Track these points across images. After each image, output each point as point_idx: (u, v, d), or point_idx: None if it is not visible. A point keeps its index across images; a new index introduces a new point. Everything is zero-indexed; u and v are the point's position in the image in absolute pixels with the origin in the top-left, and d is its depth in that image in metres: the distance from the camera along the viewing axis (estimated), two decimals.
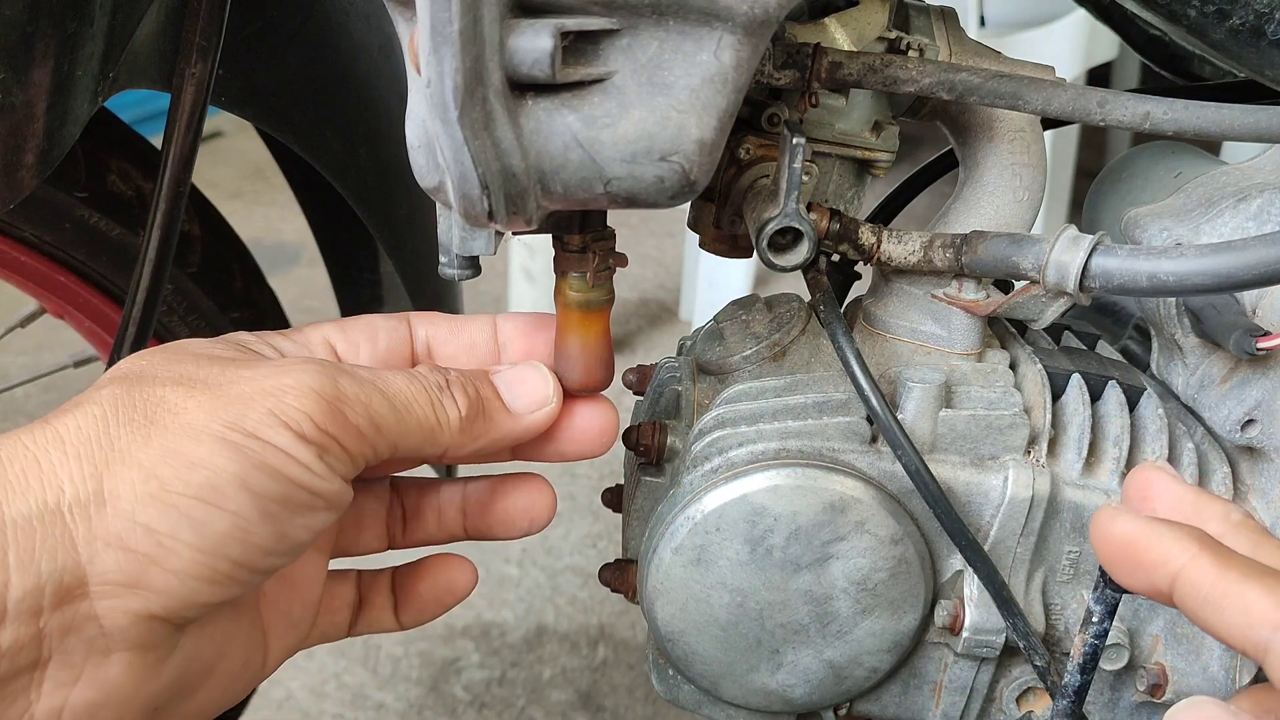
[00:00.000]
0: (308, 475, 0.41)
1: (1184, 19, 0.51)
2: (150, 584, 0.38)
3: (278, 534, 0.41)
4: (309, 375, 0.41)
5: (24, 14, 0.51)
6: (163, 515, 0.38)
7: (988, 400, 0.55)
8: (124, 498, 0.38)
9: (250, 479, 0.39)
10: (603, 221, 0.49)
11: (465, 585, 0.54)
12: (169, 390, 0.40)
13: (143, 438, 0.39)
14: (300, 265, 2.31)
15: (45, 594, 0.37)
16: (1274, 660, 0.33)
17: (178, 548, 0.38)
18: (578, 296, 0.50)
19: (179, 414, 0.39)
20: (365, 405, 0.43)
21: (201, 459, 0.39)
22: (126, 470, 0.38)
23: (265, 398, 0.40)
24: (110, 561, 0.38)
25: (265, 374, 0.41)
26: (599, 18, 0.39)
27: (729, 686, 0.59)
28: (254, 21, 0.69)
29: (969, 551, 0.54)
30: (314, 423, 0.41)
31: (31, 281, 0.74)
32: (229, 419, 0.39)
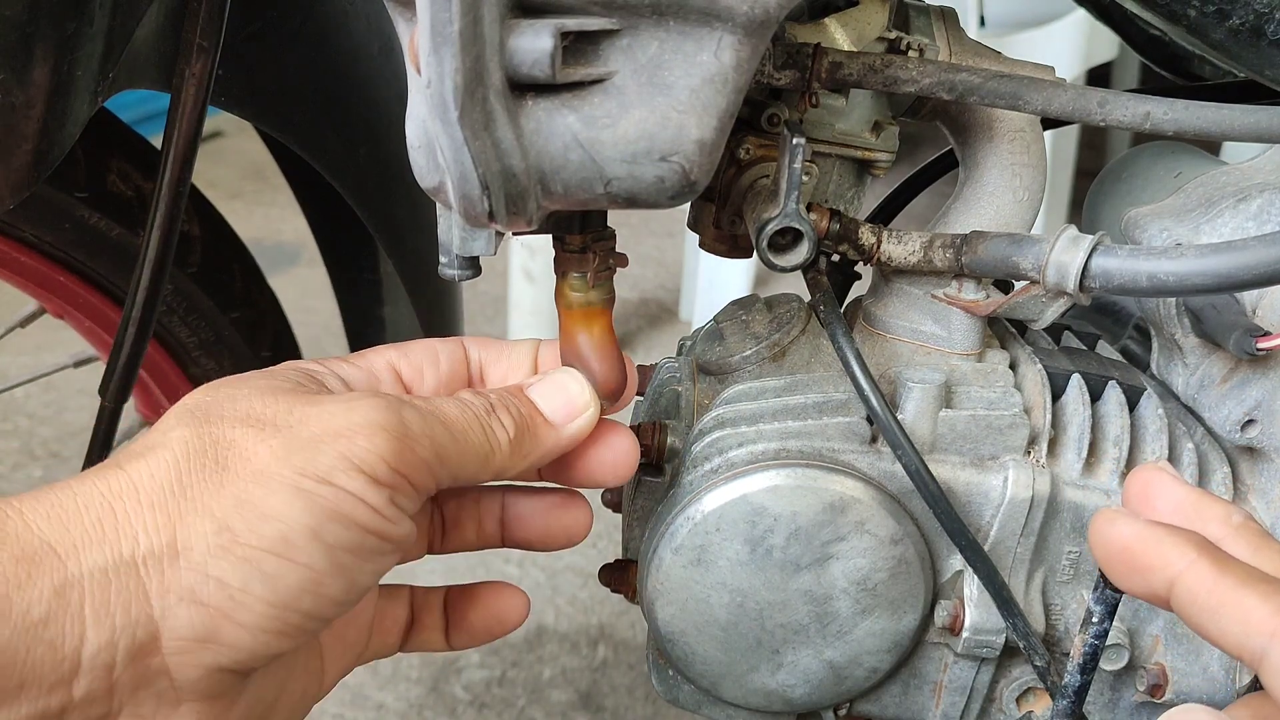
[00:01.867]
0: (379, 521, 0.40)
1: (1184, 19, 0.51)
2: (221, 638, 0.38)
3: (348, 583, 0.41)
4: (376, 412, 0.41)
5: (24, 14, 0.51)
6: (235, 569, 0.38)
7: (988, 400, 0.55)
8: (196, 550, 0.38)
9: (323, 530, 0.39)
10: (603, 222, 0.49)
11: (518, 616, 0.54)
12: (239, 432, 0.40)
13: (215, 485, 0.38)
14: (300, 265, 2.31)
15: (119, 648, 0.37)
16: (1269, 668, 0.33)
17: (249, 602, 0.38)
18: (578, 297, 0.50)
19: (250, 460, 0.39)
20: (430, 438, 0.42)
21: (274, 510, 0.38)
22: (199, 521, 0.38)
23: (336, 439, 0.40)
24: (183, 616, 0.37)
25: (333, 412, 0.41)
26: (599, 18, 0.39)
27: (729, 686, 0.59)
28: (254, 21, 0.69)
29: (969, 551, 0.54)
30: (386, 463, 0.40)
31: (31, 281, 0.74)
32: (301, 464, 0.39)
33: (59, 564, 0.36)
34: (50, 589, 0.35)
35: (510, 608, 0.53)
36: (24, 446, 1.73)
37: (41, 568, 0.36)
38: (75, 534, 0.37)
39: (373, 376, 0.48)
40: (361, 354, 0.49)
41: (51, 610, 0.35)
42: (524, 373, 0.51)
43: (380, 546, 0.41)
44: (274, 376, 0.44)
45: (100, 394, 0.68)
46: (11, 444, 1.74)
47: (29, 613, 0.35)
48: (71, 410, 1.80)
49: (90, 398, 0.68)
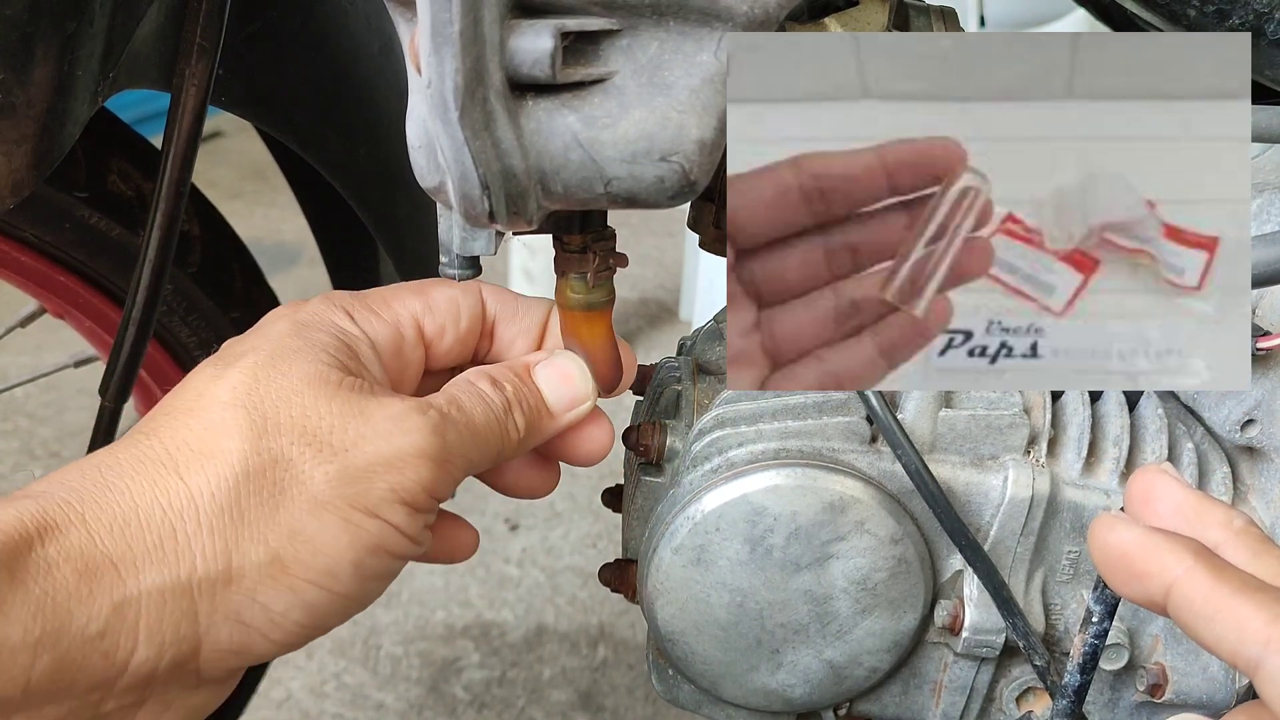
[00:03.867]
0: (411, 547, 0.43)
1: (1184, 19, 0.51)
2: (253, 650, 0.41)
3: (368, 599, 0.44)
4: (423, 437, 0.42)
5: (24, 14, 0.51)
6: (279, 597, 0.40)
7: (987, 400, 0.55)
8: (248, 577, 0.40)
9: (363, 564, 0.42)
10: (603, 222, 0.49)
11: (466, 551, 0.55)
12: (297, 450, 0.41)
13: (270, 510, 0.40)
14: (300, 265, 2.31)
15: (163, 660, 0.39)
16: (1264, 676, 0.33)
17: (286, 624, 0.41)
18: (578, 297, 0.50)
19: (306, 485, 0.41)
20: (464, 456, 0.44)
21: (324, 545, 0.41)
22: (254, 548, 0.40)
23: (388, 471, 0.42)
24: (224, 634, 0.40)
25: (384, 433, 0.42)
26: (599, 18, 0.39)
27: (729, 686, 0.59)
28: (254, 21, 0.69)
29: (969, 551, 0.54)
30: (427, 492, 0.43)
31: (31, 281, 0.74)
32: (352, 496, 0.41)
33: (119, 581, 0.38)
34: (110, 605, 0.37)
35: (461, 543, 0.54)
36: (24, 446, 1.73)
37: (102, 583, 0.37)
38: (138, 553, 0.38)
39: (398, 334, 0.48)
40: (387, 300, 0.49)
41: (109, 625, 0.37)
42: (532, 339, 0.52)
43: (400, 567, 0.44)
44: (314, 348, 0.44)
45: (100, 394, 0.68)
46: (11, 444, 1.74)
47: (88, 627, 0.37)
48: (71, 410, 1.80)
49: (90, 398, 0.68)
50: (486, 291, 0.51)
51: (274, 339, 0.45)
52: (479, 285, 0.51)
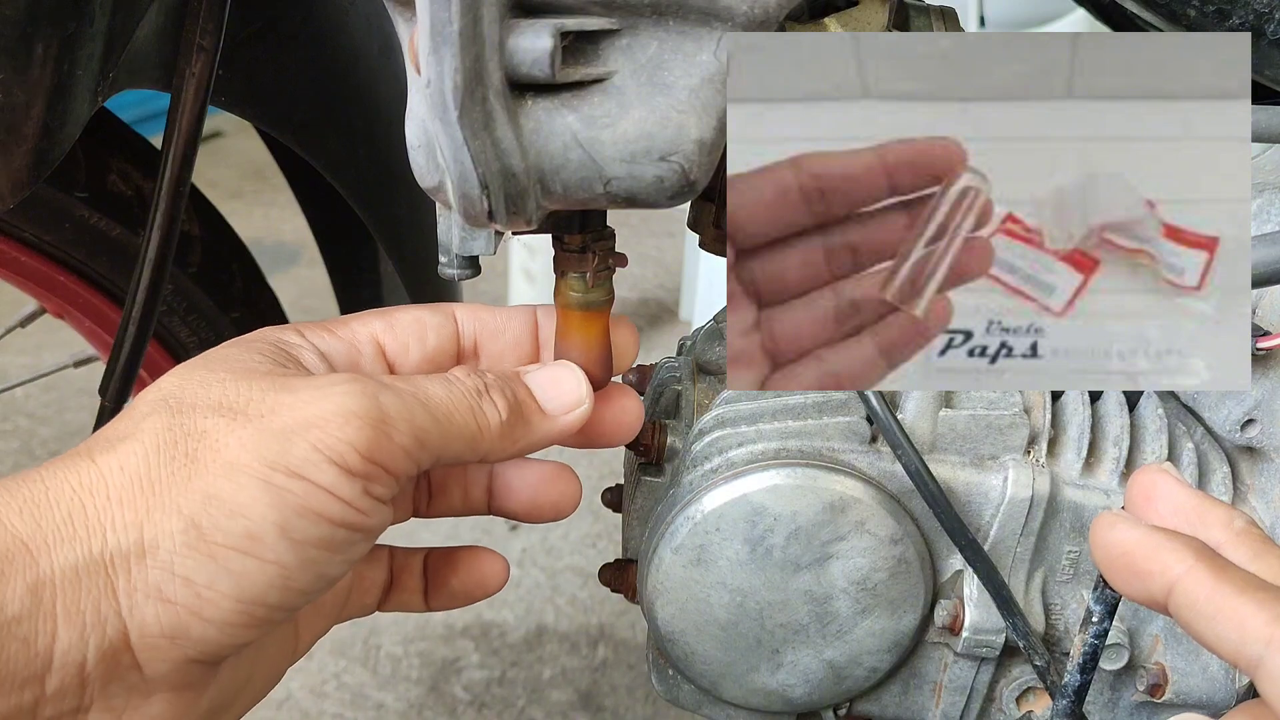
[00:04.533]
0: (350, 513, 0.40)
1: (1184, 19, 0.51)
2: (188, 634, 0.38)
3: (316, 575, 0.40)
4: (350, 398, 0.40)
5: (24, 14, 0.51)
6: (200, 567, 0.38)
7: (987, 400, 0.55)
8: (163, 548, 0.38)
9: (291, 526, 0.39)
10: (603, 221, 0.49)
11: (498, 582, 0.53)
12: (211, 421, 0.39)
13: (184, 479, 0.38)
14: (300, 265, 2.31)
15: (89, 645, 0.37)
16: (1265, 676, 0.33)
17: (216, 599, 0.38)
18: (578, 297, 0.50)
19: (220, 451, 0.39)
20: (409, 422, 0.41)
21: (241, 506, 0.38)
22: (167, 518, 0.38)
23: (308, 430, 0.39)
24: (150, 614, 0.38)
25: (307, 399, 0.40)
26: (599, 18, 0.39)
27: (729, 686, 0.59)
28: (254, 21, 0.69)
29: (969, 551, 0.54)
30: (358, 453, 0.39)
31: (31, 281, 0.74)
32: (271, 457, 0.38)
33: (31, 562, 0.36)
34: (24, 587, 0.36)
35: (491, 573, 0.53)
36: (24, 446, 1.73)
37: (15, 565, 0.36)
38: (47, 531, 0.37)
39: (354, 349, 0.47)
40: (344, 321, 0.48)
41: (25, 608, 0.36)
42: (523, 350, 0.51)
43: (351, 538, 0.41)
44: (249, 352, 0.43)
45: (100, 394, 0.68)
46: (11, 444, 1.74)
47: (4, 610, 0.35)
48: (71, 410, 1.80)
49: (90, 398, 0.68)
50: (461, 311, 0.50)
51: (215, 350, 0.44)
52: (452, 306, 0.50)
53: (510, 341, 0.51)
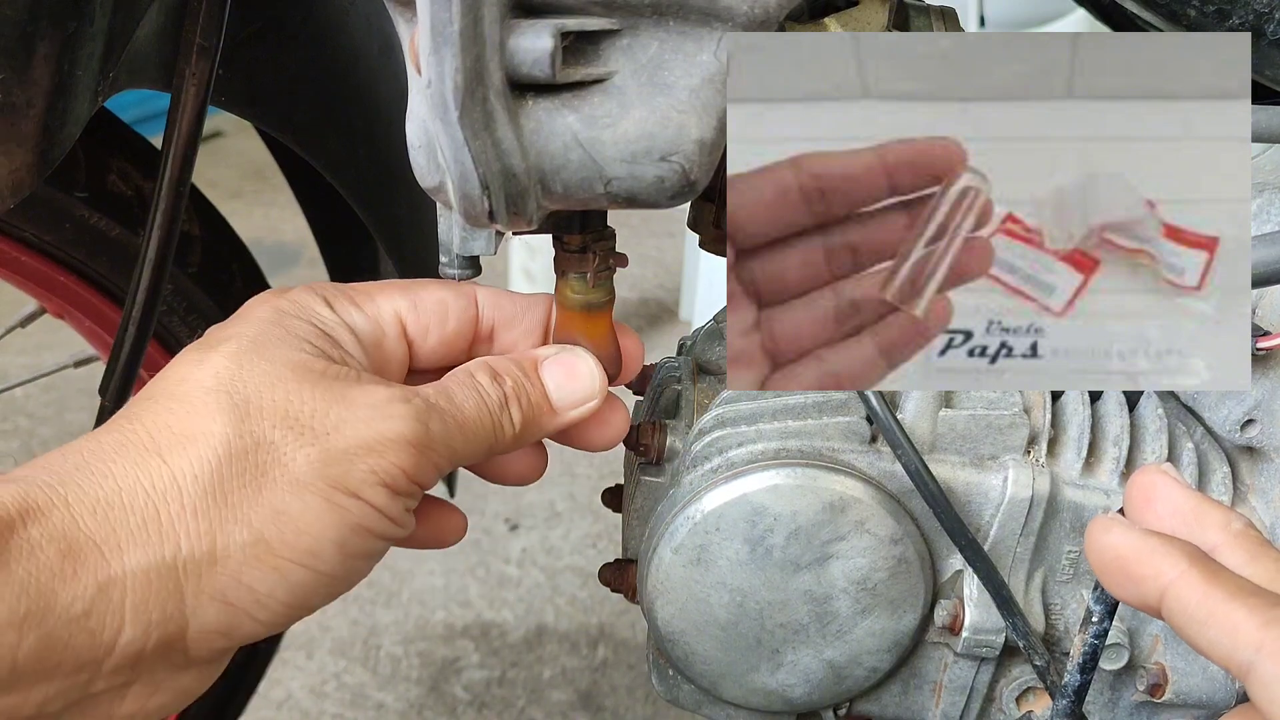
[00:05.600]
0: (393, 528, 0.44)
1: (1184, 19, 0.51)
2: (240, 630, 0.42)
3: (353, 580, 0.44)
4: (406, 425, 0.43)
5: (24, 14, 0.51)
6: (265, 577, 0.41)
7: (987, 400, 0.55)
8: (233, 559, 0.40)
9: (347, 542, 0.42)
10: (603, 221, 0.49)
11: (454, 536, 0.54)
12: (279, 434, 0.41)
13: (254, 492, 0.40)
14: (300, 265, 2.31)
15: (150, 639, 0.39)
16: (1256, 681, 0.33)
17: (271, 603, 0.41)
18: (578, 297, 0.50)
19: (288, 468, 0.41)
20: (448, 446, 0.44)
21: (307, 525, 0.41)
22: (237, 530, 0.40)
23: (368, 455, 0.42)
24: (210, 614, 0.40)
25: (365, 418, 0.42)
26: (599, 18, 0.39)
27: (729, 686, 0.59)
28: (254, 21, 0.69)
29: (969, 551, 0.54)
30: (407, 476, 0.43)
31: (31, 281, 0.74)
32: (334, 477, 0.41)
33: (103, 562, 0.38)
34: (94, 585, 0.38)
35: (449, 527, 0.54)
36: (24, 446, 1.73)
37: (86, 564, 0.38)
38: (121, 535, 0.39)
39: (379, 329, 0.48)
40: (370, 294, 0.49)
41: (94, 605, 0.37)
42: (536, 339, 0.52)
43: (385, 549, 0.44)
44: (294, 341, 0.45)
45: (100, 394, 0.68)
46: (11, 444, 1.74)
47: (72, 606, 0.37)
48: (71, 410, 1.80)
49: (90, 398, 0.68)
50: (483, 295, 0.51)
51: (257, 326, 0.45)
52: (475, 289, 0.51)
53: (524, 330, 0.52)
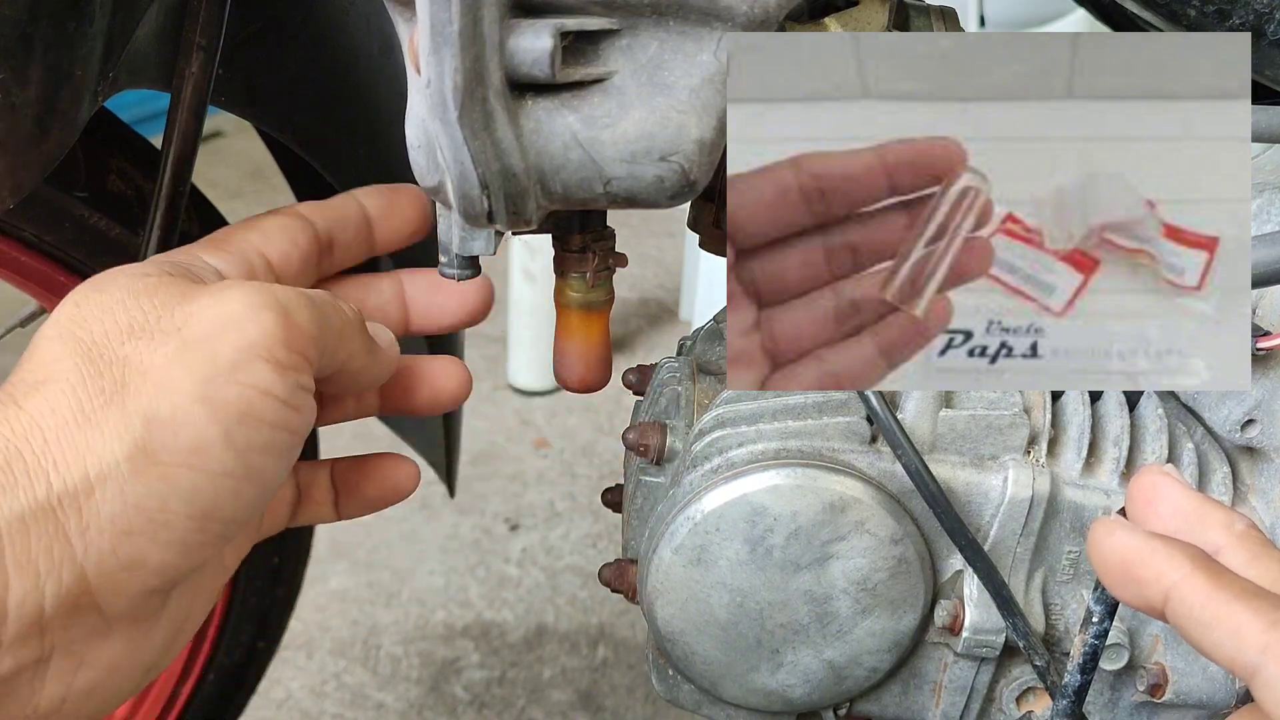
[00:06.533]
0: (287, 412, 0.40)
1: (1184, 19, 0.51)
2: (146, 562, 0.38)
3: (262, 483, 0.40)
4: (251, 294, 0.40)
5: (24, 14, 0.51)
6: (152, 490, 0.37)
7: (988, 400, 0.55)
8: (111, 478, 0.37)
9: (234, 434, 0.38)
10: (603, 222, 0.49)
11: (409, 485, 0.53)
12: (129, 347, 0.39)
13: (118, 408, 0.37)
14: None
15: (45, 593, 0.36)
16: (1261, 684, 0.33)
17: (171, 520, 0.38)
18: (578, 297, 0.50)
19: (148, 373, 0.38)
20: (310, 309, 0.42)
21: (183, 421, 0.37)
22: (109, 447, 0.37)
23: (226, 331, 0.38)
24: (106, 548, 0.37)
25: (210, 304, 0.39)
26: (599, 18, 0.39)
27: (729, 686, 0.59)
28: (254, 21, 0.69)
29: (969, 551, 0.54)
30: (282, 343, 0.39)
31: (31, 281, 0.74)
32: (201, 367, 0.38)
33: None
34: None
35: (403, 477, 0.53)
36: None
37: None
38: None
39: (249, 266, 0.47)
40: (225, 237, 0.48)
41: None
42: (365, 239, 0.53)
43: (289, 441, 0.41)
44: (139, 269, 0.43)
45: None
46: None
47: None
48: None
49: None
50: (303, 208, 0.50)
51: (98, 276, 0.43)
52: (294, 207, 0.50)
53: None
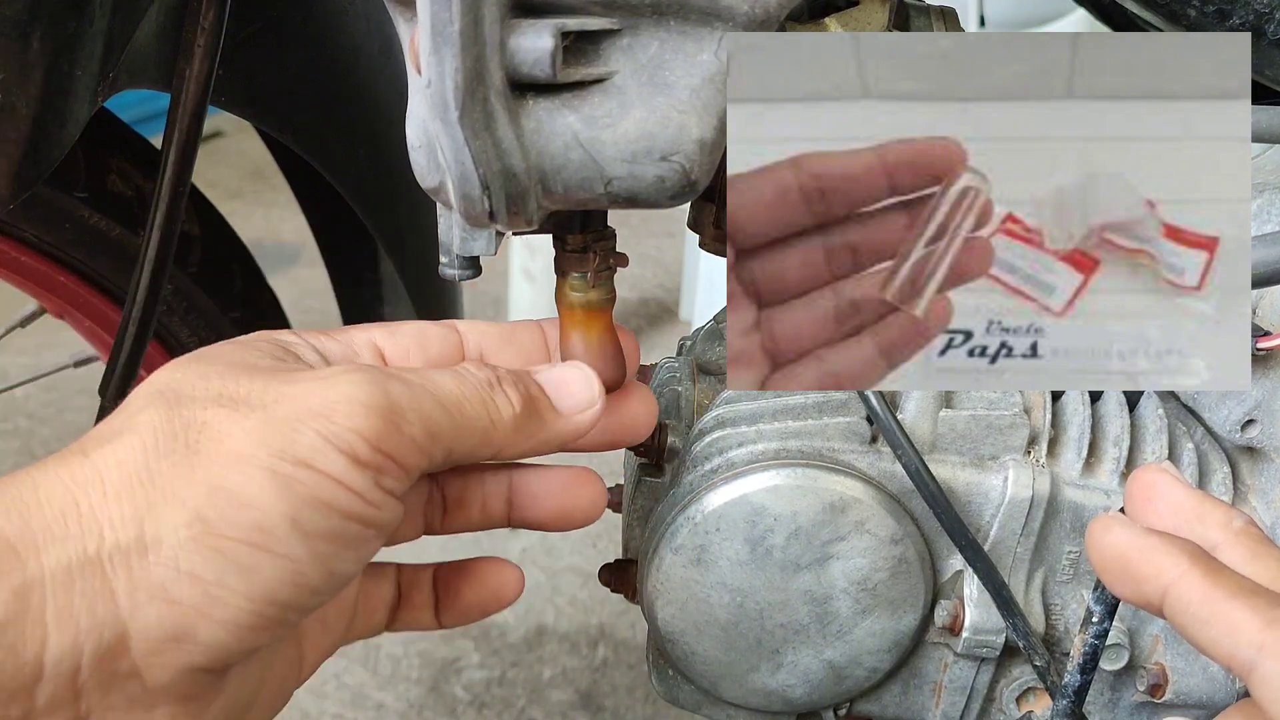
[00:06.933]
0: (361, 505, 0.38)
1: (1184, 19, 0.51)
2: (195, 637, 0.36)
3: (329, 572, 0.38)
4: (357, 387, 0.38)
5: (24, 14, 0.51)
6: (208, 562, 0.35)
7: (988, 400, 0.55)
8: (167, 543, 0.35)
9: (302, 517, 0.37)
10: (603, 221, 0.49)
11: (513, 592, 0.51)
12: (211, 413, 0.37)
13: (186, 470, 0.36)
14: (300, 265, 2.30)
15: (84, 651, 0.34)
16: (1257, 681, 0.33)
17: (225, 596, 0.36)
18: (579, 297, 0.49)
19: (223, 441, 0.37)
20: (419, 412, 0.39)
21: (250, 497, 0.36)
22: (170, 511, 0.35)
23: (314, 419, 0.37)
24: (153, 615, 0.35)
25: (311, 389, 0.38)
26: (599, 18, 0.39)
27: (729, 686, 0.59)
28: (254, 21, 0.69)
29: (969, 551, 0.54)
30: (367, 442, 0.38)
31: (31, 281, 0.74)
32: (277, 446, 0.36)
33: (18, 564, 0.34)
34: (9, 591, 0.33)
35: (505, 583, 0.50)
36: (24, 446, 1.73)
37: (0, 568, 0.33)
38: (36, 530, 0.34)
39: (352, 351, 0.45)
40: (344, 329, 0.46)
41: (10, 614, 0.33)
42: (536, 358, 0.49)
43: (363, 533, 0.39)
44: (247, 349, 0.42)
45: (100, 394, 0.68)
46: (11, 444, 1.74)
47: None
48: (71, 410, 1.80)
49: (90, 398, 0.68)
50: (464, 324, 0.48)
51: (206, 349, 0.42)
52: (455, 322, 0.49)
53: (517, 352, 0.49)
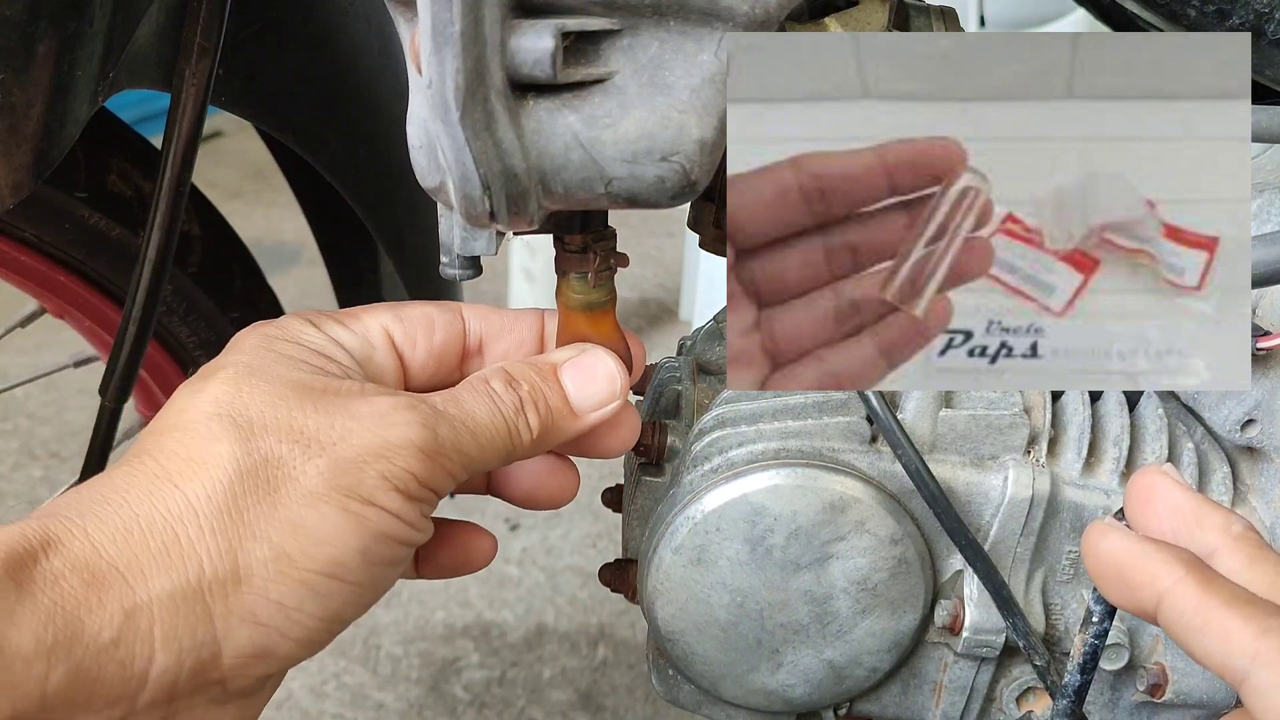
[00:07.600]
0: (410, 533, 0.44)
1: (1184, 19, 0.51)
2: (276, 652, 0.41)
3: (380, 589, 0.44)
4: (413, 430, 0.43)
5: (24, 14, 0.51)
6: (292, 592, 0.41)
7: (988, 400, 0.55)
8: (257, 575, 0.40)
9: (370, 550, 0.42)
10: (604, 221, 0.49)
11: (484, 558, 0.55)
12: (285, 449, 0.42)
13: (268, 508, 0.41)
14: (300, 265, 2.31)
15: (184, 666, 0.39)
16: (1250, 690, 0.33)
17: (303, 619, 0.41)
18: (579, 297, 0.50)
19: (299, 481, 0.41)
20: (458, 449, 0.44)
21: (326, 536, 0.41)
22: (258, 546, 0.40)
23: (376, 460, 0.42)
24: (243, 636, 0.40)
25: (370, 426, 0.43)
26: (600, 18, 0.39)
27: (729, 686, 0.59)
28: (254, 21, 0.69)
29: (969, 551, 0.54)
30: (418, 480, 0.43)
31: (31, 281, 0.74)
32: (347, 486, 0.42)
33: (128, 589, 0.38)
34: (120, 613, 0.38)
35: (478, 549, 0.54)
36: (24, 446, 1.73)
37: (111, 592, 0.38)
38: (142, 559, 0.39)
39: (367, 343, 0.49)
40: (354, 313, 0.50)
41: (122, 633, 0.37)
42: (529, 350, 0.52)
43: (408, 554, 0.45)
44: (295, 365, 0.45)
45: (100, 394, 0.68)
46: (11, 444, 1.74)
47: (100, 635, 0.37)
48: (71, 410, 1.80)
49: (90, 398, 0.68)
50: (467, 309, 0.51)
51: (249, 353, 0.45)
52: (459, 304, 0.52)
53: (515, 342, 0.52)
